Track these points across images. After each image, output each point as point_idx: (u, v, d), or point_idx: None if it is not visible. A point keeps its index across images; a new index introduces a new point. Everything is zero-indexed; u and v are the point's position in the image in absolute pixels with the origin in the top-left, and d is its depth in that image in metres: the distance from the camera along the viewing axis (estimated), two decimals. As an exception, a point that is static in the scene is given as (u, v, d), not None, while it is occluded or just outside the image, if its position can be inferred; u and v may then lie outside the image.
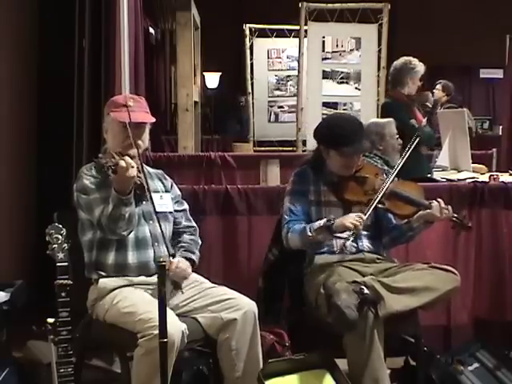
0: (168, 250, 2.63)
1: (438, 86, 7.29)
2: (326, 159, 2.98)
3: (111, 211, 2.50)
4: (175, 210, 2.86)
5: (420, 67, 4.55)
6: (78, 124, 3.59)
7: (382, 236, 3.03)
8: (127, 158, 2.49)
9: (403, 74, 4.55)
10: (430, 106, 5.06)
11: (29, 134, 4.09)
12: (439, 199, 2.88)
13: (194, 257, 2.78)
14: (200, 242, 2.89)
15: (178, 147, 6.40)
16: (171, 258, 2.66)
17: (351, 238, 2.73)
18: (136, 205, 2.62)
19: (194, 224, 2.92)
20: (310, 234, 2.79)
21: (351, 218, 2.72)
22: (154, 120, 2.77)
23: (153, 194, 2.69)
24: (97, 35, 3.58)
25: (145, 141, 2.75)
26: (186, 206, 2.93)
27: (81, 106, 3.57)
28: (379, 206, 2.89)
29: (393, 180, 2.95)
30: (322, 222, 2.77)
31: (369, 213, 2.81)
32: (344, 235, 2.75)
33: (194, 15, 6.62)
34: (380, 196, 2.87)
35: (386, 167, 3.60)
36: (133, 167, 2.47)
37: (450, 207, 2.88)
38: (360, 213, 2.77)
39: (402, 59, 4.62)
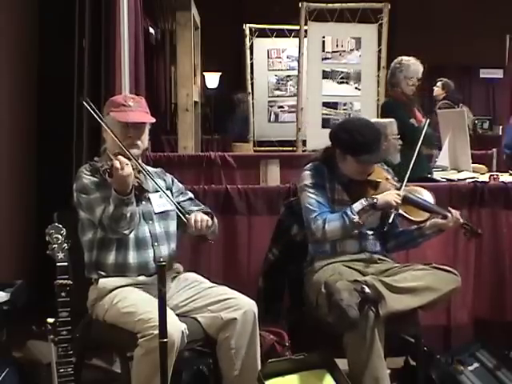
0: (181, 213, 2.62)
1: (438, 84, 7.31)
2: (338, 161, 2.96)
3: (113, 211, 2.50)
4: (181, 201, 2.84)
5: (412, 66, 4.53)
6: (78, 124, 3.59)
7: (387, 240, 3.02)
8: (120, 157, 2.48)
9: (396, 74, 4.57)
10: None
11: (29, 134, 4.09)
12: (451, 209, 2.90)
13: (211, 212, 2.77)
14: (216, 219, 2.82)
15: (178, 147, 6.39)
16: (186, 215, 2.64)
17: (393, 214, 2.81)
18: (136, 205, 2.62)
19: (205, 206, 2.91)
20: (353, 216, 2.79)
21: (392, 196, 2.81)
22: (153, 120, 2.77)
23: (151, 195, 2.69)
24: (97, 35, 3.59)
25: (144, 141, 2.75)
26: (190, 194, 2.92)
27: (81, 106, 3.57)
28: (393, 211, 2.87)
29: (406, 182, 2.97)
30: (363, 202, 2.81)
31: (402, 192, 2.88)
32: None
33: (193, 15, 6.61)
34: (403, 188, 2.91)
35: (385, 167, 3.61)
36: (127, 164, 2.46)
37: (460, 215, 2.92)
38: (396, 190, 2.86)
39: (396, 59, 4.64)
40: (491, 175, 3.89)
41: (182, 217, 2.65)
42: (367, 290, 2.58)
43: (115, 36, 3.48)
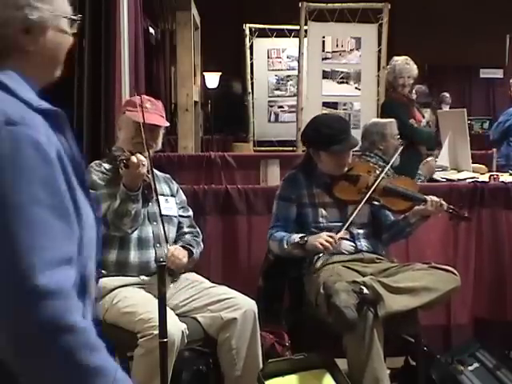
0: (167, 244, 2.66)
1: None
2: (316, 162, 2.98)
3: (118, 207, 2.53)
4: (180, 216, 2.88)
5: (399, 66, 4.54)
6: (78, 124, 3.59)
7: (381, 233, 3.04)
8: (139, 155, 2.52)
9: (388, 75, 4.59)
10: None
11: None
12: (430, 196, 2.91)
13: (192, 249, 2.77)
14: (202, 246, 2.89)
15: (178, 147, 6.40)
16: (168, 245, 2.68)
17: (322, 259, 2.80)
18: (142, 205, 2.64)
19: (198, 229, 2.94)
20: (285, 246, 2.86)
21: (322, 239, 2.76)
22: (167, 124, 2.89)
23: (159, 197, 2.70)
24: (97, 35, 3.58)
25: (158, 143, 2.81)
26: (190, 212, 2.96)
27: (81, 106, 3.57)
28: (375, 203, 2.92)
29: (386, 175, 2.97)
30: (296, 239, 2.82)
31: (361, 204, 2.83)
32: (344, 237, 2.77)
33: (193, 15, 6.62)
34: (373, 190, 2.90)
35: (368, 159, 3.62)
36: (144, 165, 2.52)
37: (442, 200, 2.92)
38: (332, 233, 2.81)
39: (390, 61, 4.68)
40: (491, 175, 3.89)
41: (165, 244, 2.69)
42: (366, 290, 2.58)
43: (115, 36, 3.48)
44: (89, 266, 1.15)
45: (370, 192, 2.90)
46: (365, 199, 2.89)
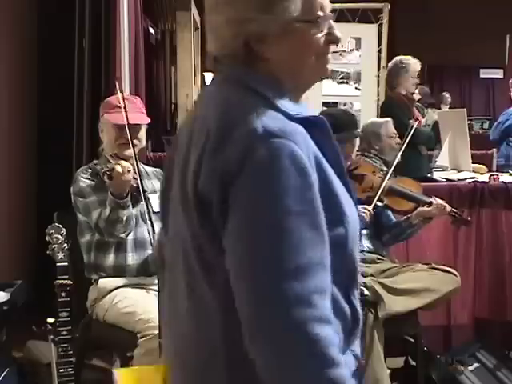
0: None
1: (416, 90, 7.37)
2: None
3: (109, 215, 2.50)
4: None
5: (413, 65, 4.54)
6: (78, 124, 3.59)
7: (382, 234, 3.04)
8: (123, 162, 2.49)
9: (395, 74, 4.58)
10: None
11: (29, 134, 4.09)
12: (435, 197, 2.91)
13: None
14: None
15: (178, 147, 6.37)
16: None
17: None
18: (133, 206, 2.62)
19: None
20: None
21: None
22: (148, 121, 2.79)
23: (150, 195, 2.68)
24: (97, 35, 3.58)
25: (141, 140, 2.76)
26: None
27: (81, 106, 3.57)
28: (378, 203, 2.91)
29: (391, 175, 2.98)
30: None
31: (373, 205, 2.83)
32: None
33: (193, 15, 6.61)
34: (381, 190, 2.90)
35: (384, 167, 3.60)
36: (129, 171, 2.47)
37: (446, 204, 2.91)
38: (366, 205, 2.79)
39: (394, 60, 4.66)
40: (491, 175, 3.89)
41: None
42: (366, 292, 2.58)
43: (115, 36, 3.48)
44: (355, 259, 1.17)
45: (379, 193, 2.89)
46: (375, 201, 2.87)
